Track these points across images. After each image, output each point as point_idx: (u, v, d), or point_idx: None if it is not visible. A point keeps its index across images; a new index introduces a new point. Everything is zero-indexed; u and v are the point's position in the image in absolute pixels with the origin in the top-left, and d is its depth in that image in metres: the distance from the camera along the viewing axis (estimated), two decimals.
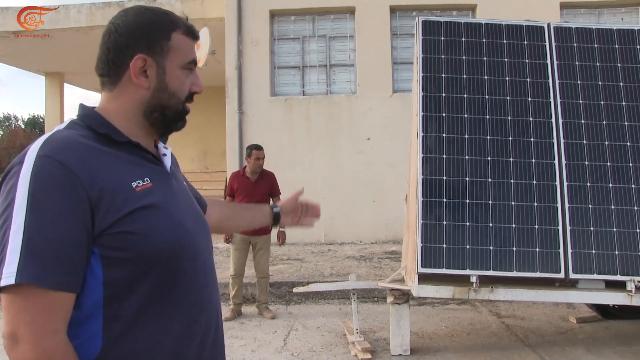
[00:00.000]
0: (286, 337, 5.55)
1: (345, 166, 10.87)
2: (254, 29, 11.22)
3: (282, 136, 10.97)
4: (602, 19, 11.46)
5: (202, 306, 1.34)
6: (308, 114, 11.01)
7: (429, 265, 4.28)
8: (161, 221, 1.25)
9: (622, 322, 5.87)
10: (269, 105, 11.10)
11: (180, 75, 1.35)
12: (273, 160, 10.63)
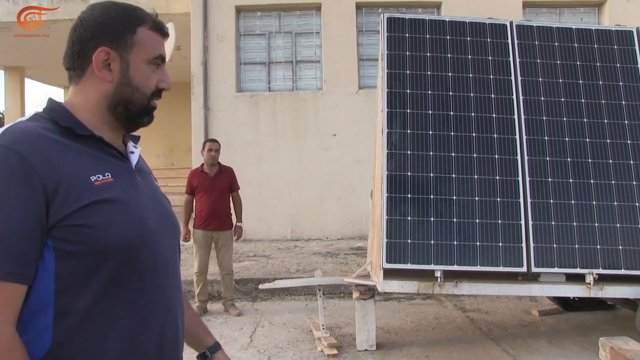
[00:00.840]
0: (252, 333, 5.52)
1: (311, 162, 10.87)
2: (219, 24, 11.12)
3: (247, 132, 10.90)
4: (563, 19, 11.68)
5: (161, 305, 1.31)
6: (274, 110, 10.96)
7: (394, 260, 4.30)
8: (119, 216, 1.22)
9: (581, 313, 6.01)
10: (235, 102, 11.02)
11: (145, 70, 1.34)
12: (239, 157, 10.62)
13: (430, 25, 5.01)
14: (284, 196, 10.80)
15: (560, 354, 4.81)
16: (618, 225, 4.67)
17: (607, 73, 5.09)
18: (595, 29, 5.28)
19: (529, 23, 5.21)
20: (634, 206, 4.73)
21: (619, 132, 4.92)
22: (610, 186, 4.77)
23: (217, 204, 6.20)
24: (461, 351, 4.89)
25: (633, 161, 4.85)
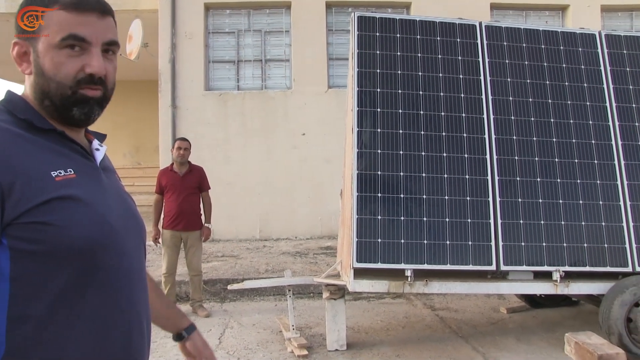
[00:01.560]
0: (221, 335, 5.46)
1: (281, 161, 10.82)
2: (188, 22, 10.99)
3: (216, 131, 10.80)
4: (529, 21, 11.87)
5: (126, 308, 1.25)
6: (243, 109, 10.88)
7: (364, 260, 4.30)
8: (81, 214, 1.15)
9: (548, 310, 6.10)
10: (203, 100, 10.90)
11: (56, 56, 1.20)
12: (207, 156, 10.50)
13: (400, 25, 5.02)
14: (253, 195, 10.73)
15: (528, 350, 4.87)
16: (583, 223, 4.75)
17: (573, 74, 5.18)
18: (561, 31, 5.36)
19: (497, 24, 5.26)
20: (598, 204, 4.82)
21: (583, 132, 5.00)
22: (576, 185, 4.84)
23: (186, 204, 6.12)
24: (431, 350, 4.90)
25: (597, 160, 4.94)
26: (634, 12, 12.29)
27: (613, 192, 4.91)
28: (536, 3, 11.79)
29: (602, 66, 5.27)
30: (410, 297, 6.69)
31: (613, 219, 4.84)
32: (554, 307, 6.17)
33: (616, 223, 4.83)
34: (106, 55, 1.26)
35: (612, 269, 4.73)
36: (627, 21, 12.34)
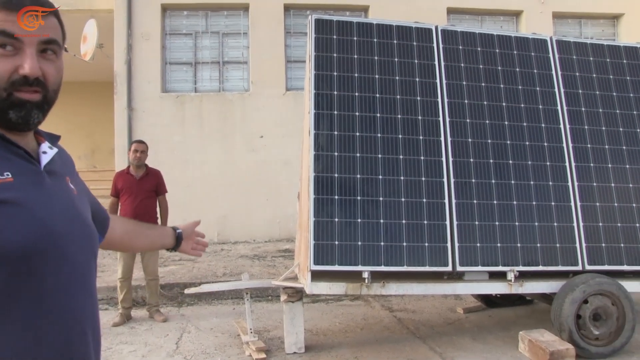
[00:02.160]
0: (179, 340, 5.38)
1: (239, 164, 10.75)
2: (144, 22, 10.82)
3: (173, 133, 10.66)
4: (485, 25, 12.11)
5: (65, 317, 1.19)
6: (200, 111, 10.78)
7: (321, 262, 4.29)
8: (15, 219, 1.10)
9: (503, 309, 6.21)
10: (160, 102, 10.76)
11: None
12: (164, 159, 10.35)
13: (358, 28, 5.04)
14: (211, 198, 10.63)
15: (484, 349, 4.94)
16: (536, 224, 4.86)
17: (526, 78, 5.28)
18: (514, 36, 5.46)
19: (453, 28, 5.33)
20: (550, 205, 4.93)
21: (536, 135, 5.11)
22: (529, 186, 4.94)
23: (142, 207, 6.02)
24: (389, 351, 4.93)
25: (549, 162, 5.06)
26: (583, 19, 12.69)
27: (564, 193, 5.03)
28: (491, 8, 12.03)
29: (553, 70, 5.39)
30: (368, 298, 6.72)
31: (564, 219, 4.96)
32: (510, 306, 6.29)
33: (567, 223, 4.95)
34: (45, 55, 1.21)
35: (564, 268, 4.85)
36: (576, 28, 12.72)
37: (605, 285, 4.71)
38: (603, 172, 5.20)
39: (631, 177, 5.24)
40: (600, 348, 4.68)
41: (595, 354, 4.65)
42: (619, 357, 4.70)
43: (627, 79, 5.54)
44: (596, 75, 5.50)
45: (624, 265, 4.98)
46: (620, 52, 5.64)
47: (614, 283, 4.76)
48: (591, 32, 12.74)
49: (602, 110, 5.39)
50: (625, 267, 4.98)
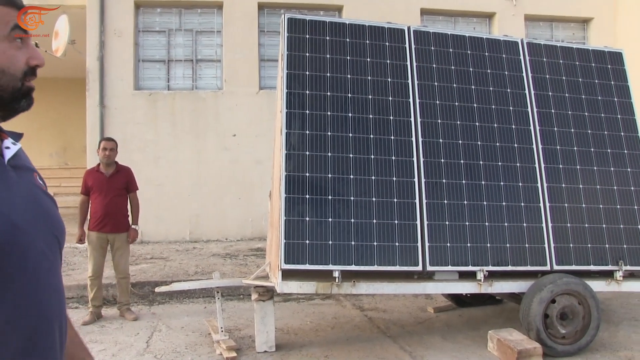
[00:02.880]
0: (149, 338, 5.33)
1: (211, 163, 10.68)
2: (117, 19, 10.68)
3: (145, 131, 10.55)
4: (458, 27, 12.21)
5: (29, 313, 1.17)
6: (173, 109, 10.68)
7: (292, 261, 4.28)
8: None
9: (473, 308, 6.27)
10: (132, 100, 10.63)
11: (7, 49, 1.20)
12: (136, 156, 10.24)
13: (330, 28, 5.04)
14: (183, 197, 10.55)
15: (453, 348, 4.98)
16: (506, 224, 4.91)
17: (497, 80, 5.34)
18: (486, 37, 5.52)
19: (425, 29, 5.36)
20: (520, 206, 4.99)
21: (506, 136, 5.17)
22: (499, 187, 5.00)
23: (113, 205, 5.95)
24: (359, 350, 4.94)
25: (519, 164, 5.12)
26: (554, 22, 12.89)
27: (534, 194, 5.09)
28: (465, 10, 12.14)
29: (524, 72, 5.46)
30: (339, 297, 6.73)
31: (533, 219, 5.02)
32: (480, 305, 6.35)
33: (536, 224, 5.01)
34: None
35: (532, 268, 4.91)
36: (548, 31, 12.90)
37: (573, 285, 4.79)
38: (571, 174, 5.28)
39: (598, 178, 5.33)
40: (567, 346, 4.76)
41: (561, 352, 4.72)
42: (584, 355, 4.78)
43: (595, 82, 5.63)
44: (566, 78, 5.58)
45: (590, 265, 5.06)
46: (589, 56, 5.73)
47: (580, 283, 4.84)
48: (562, 35, 12.93)
49: (571, 113, 5.47)
50: (592, 267, 5.07)
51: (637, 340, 5.24)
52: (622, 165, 5.42)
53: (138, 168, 10.24)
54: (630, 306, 6.36)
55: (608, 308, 6.22)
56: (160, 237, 10.41)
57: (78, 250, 9.06)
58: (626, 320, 5.82)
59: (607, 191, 5.31)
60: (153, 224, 10.34)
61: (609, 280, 5.11)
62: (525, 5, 12.36)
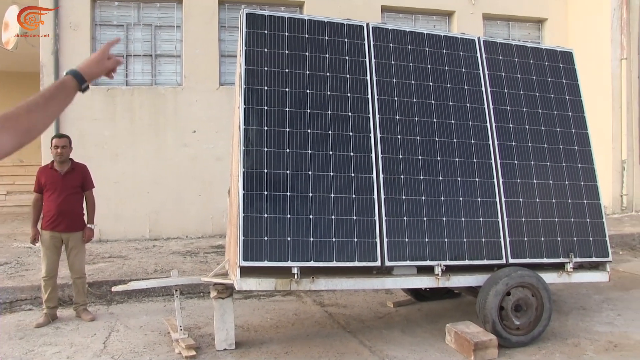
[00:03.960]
0: (106, 339, 5.25)
1: (171, 159, 10.56)
2: (73, 12, 10.43)
3: (103, 128, 10.36)
4: (418, 24, 12.34)
5: None
6: (131, 105, 10.51)
7: (250, 258, 4.27)
8: None
9: (432, 302, 6.35)
10: (89, 95, 10.36)
11: None
12: (94, 153, 10.05)
13: (289, 23, 5.03)
14: (142, 194, 10.39)
15: (412, 342, 5.04)
16: (463, 219, 4.99)
17: (454, 77, 5.41)
18: (444, 35, 5.58)
19: (384, 26, 5.40)
20: (476, 201, 5.07)
21: (464, 132, 5.25)
22: (457, 183, 5.08)
23: (67, 204, 5.83)
24: (319, 345, 4.96)
25: (476, 159, 5.20)
26: (511, 22, 13.15)
27: (490, 189, 5.19)
28: (425, 8, 12.27)
29: (480, 70, 5.55)
30: (300, 294, 6.74)
31: (489, 214, 5.11)
32: (438, 299, 6.43)
33: (492, 218, 5.11)
34: None
35: (489, 261, 5.01)
36: (505, 30, 13.15)
37: (526, 278, 4.90)
38: (526, 169, 5.40)
39: (551, 174, 5.46)
40: (521, 337, 4.87)
41: (515, 342, 4.83)
42: (537, 345, 4.90)
43: (548, 80, 5.76)
44: (520, 76, 5.69)
45: (543, 258, 5.19)
46: (542, 55, 5.87)
47: (534, 275, 4.96)
48: (518, 34, 13.20)
49: (526, 110, 5.59)
50: (545, 259, 5.20)
51: (584, 327, 5.41)
52: (573, 161, 5.57)
53: (95, 165, 10.06)
54: (580, 296, 6.54)
55: (559, 298, 6.38)
56: (118, 236, 10.25)
57: (32, 250, 8.85)
58: (575, 310, 5.99)
59: (560, 186, 5.45)
60: (111, 222, 10.17)
61: (561, 272, 5.26)
62: (483, 4, 12.57)
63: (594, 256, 5.40)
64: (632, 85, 12.51)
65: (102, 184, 10.16)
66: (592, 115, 6.40)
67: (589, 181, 5.59)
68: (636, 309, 6.00)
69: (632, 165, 12.56)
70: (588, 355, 4.69)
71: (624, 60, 12.36)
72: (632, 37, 12.52)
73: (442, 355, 4.70)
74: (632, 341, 5.02)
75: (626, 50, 12.38)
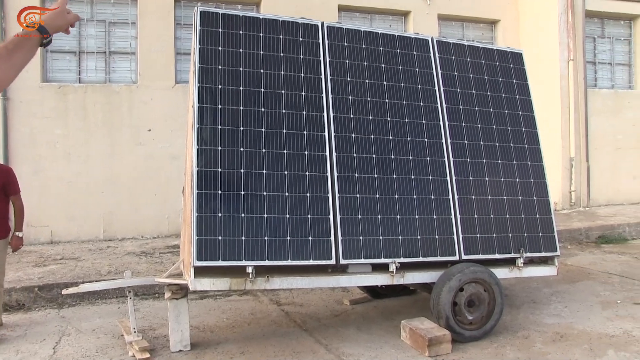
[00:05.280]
0: (56, 344, 5.13)
1: (125, 158, 10.38)
2: (21, 6, 10.09)
3: (55, 126, 10.10)
4: (374, 24, 12.44)
5: None
6: (85, 103, 10.28)
7: (204, 258, 4.24)
8: None
9: (388, 300, 6.42)
10: (40, 92, 10.14)
11: None
12: (45, 153, 9.83)
13: (243, 22, 5.00)
14: (96, 194, 10.18)
15: (368, 339, 5.09)
16: (417, 217, 5.06)
17: (408, 76, 5.47)
18: (398, 35, 5.64)
19: (338, 25, 5.42)
20: (430, 199, 5.15)
21: (417, 131, 5.32)
22: (410, 180, 5.14)
23: None
24: (275, 345, 4.96)
25: (429, 158, 5.28)
26: (465, 22, 13.38)
27: (443, 187, 5.27)
28: (381, 7, 12.37)
29: (434, 69, 5.63)
30: (256, 293, 6.72)
31: (443, 212, 5.20)
32: (394, 296, 6.51)
33: (445, 216, 5.19)
34: None
35: (442, 258, 5.09)
36: (459, 30, 13.38)
37: (479, 274, 5.00)
38: (478, 167, 5.51)
39: (503, 171, 5.59)
40: (474, 332, 4.97)
41: (469, 337, 4.93)
42: (489, 338, 5.02)
43: (500, 80, 5.89)
44: (473, 75, 5.80)
45: (495, 253, 5.31)
46: (494, 55, 5.99)
47: (486, 271, 5.06)
48: (473, 34, 13.43)
49: (478, 109, 5.70)
50: (497, 255, 5.31)
51: (534, 320, 5.57)
52: (523, 159, 5.71)
53: (47, 164, 9.88)
54: (531, 290, 6.72)
55: (511, 293, 6.54)
56: (71, 237, 10.02)
57: None
58: (526, 303, 6.15)
59: (510, 183, 5.58)
60: (64, 222, 9.95)
61: (512, 267, 5.39)
62: (438, 5, 12.74)
63: (543, 251, 5.55)
64: (579, 86, 12.89)
65: (53, 184, 9.98)
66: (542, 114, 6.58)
67: (539, 178, 5.74)
68: (581, 301, 6.20)
69: (580, 162, 12.95)
70: (537, 347, 4.82)
71: (571, 62, 12.73)
72: (577, 40, 12.91)
73: (397, 351, 4.76)
74: (576, 331, 5.20)
75: (573, 52, 12.74)
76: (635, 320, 5.50)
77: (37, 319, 5.95)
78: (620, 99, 13.86)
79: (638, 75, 14.29)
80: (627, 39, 14.38)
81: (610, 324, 5.38)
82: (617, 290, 6.67)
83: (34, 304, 6.42)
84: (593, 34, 13.88)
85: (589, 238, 10.15)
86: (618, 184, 13.69)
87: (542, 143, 5.94)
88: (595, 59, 13.93)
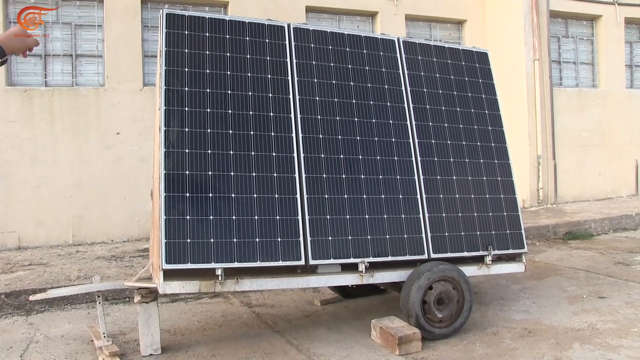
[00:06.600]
0: (24, 352, 5.04)
1: (93, 162, 10.25)
2: None
3: (20, 130, 9.94)
4: (342, 25, 12.49)
5: None
6: (51, 107, 10.13)
7: (173, 261, 4.22)
8: None
9: (358, 299, 6.46)
10: (5, 96, 9.97)
11: None
12: (11, 157, 9.67)
13: (210, 24, 5.00)
14: (64, 198, 10.05)
15: (338, 338, 5.11)
16: (385, 216, 5.10)
17: (375, 76, 5.52)
18: (364, 35, 5.68)
19: (305, 26, 5.44)
20: (398, 198, 5.20)
21: (384, 131, 5.37)
22: (378, 180, 5.18)
23: None
24: (247, 346, 4.96)
25: (397, 157, 5.33)
26: (432, 23, 13.52)
27: (411, 186, 5.33)
28: (349, 8, 12.43)
29: (400, 70, 5.69)
30: (227, 295, 6.70)
31: (411, 211, 5.25)
32: (365, 296, 6.55)
33: (414, 215, 5.25)
34: None
35: (411, 257, 5.14)
36: (427, 30, 13.51)
37: (448, 272, 5.07)
38: (446, 166, 5.58)
39: (470, 170, 5.67)
40: (444, 329, 5.03)
41: (438, 335, 4.99)
42: (458, 336, 5.09)
43: (466, 80, 5.97)
44: (439, 75, 5.87)
45: (464, 252, 5.38)
46: (460, 55, 6.08)
47: (455, 269, 5.13)
48: (440, 35, 13.59)
49: (445, 108, 5.77)
50: (465, 253, 5.38)
51: (502, 316, 5.66)
52: (490, 158, 5.80)
53: (13, 169, 9.72)
54: (500, 287, 6.83)
55: (481, 290, 6.63)
56: (39, 242, 9.87)
57: None
58: (495, 300, 6.25)
59: (478, 182, 5.66)
60: (31, 228, 9.80)
61: (480, 264, 5.47)
62: (405, 5, 12.85)
63: (510, 248, 5.65)
64: (544, 85, 13.14)
65: (20, 189, 9.82)
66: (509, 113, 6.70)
67: (505, 176, 5.84)
68: (549, 296, 6.32)
69: (547, 160, 13.19)
70: (505, 342, 4.90)
71: (536, 61, 12.96)
72: (542, 40, 13.15)
73: (367, 350, 4.80)
74: (543, 326, 5.30)
75: (538, 51, 12.98)
76: (600, 313, 5.63)
77: (3, 326, 5.84)
78: (585, 97, 14.17)
79: (601, 74, 14.62)
80: (590, 39, 14.70)
81: (576, 318, 5.50)
82: (582, 285, 6.82)
83: (1, 312, 6.31)
84: (557, 34, 14.16)
85: (557, 234, 10.35)
86: (584, 181, 13.99)
87: (509, 141, 6.05)
88: (560, 58, 14.22)
